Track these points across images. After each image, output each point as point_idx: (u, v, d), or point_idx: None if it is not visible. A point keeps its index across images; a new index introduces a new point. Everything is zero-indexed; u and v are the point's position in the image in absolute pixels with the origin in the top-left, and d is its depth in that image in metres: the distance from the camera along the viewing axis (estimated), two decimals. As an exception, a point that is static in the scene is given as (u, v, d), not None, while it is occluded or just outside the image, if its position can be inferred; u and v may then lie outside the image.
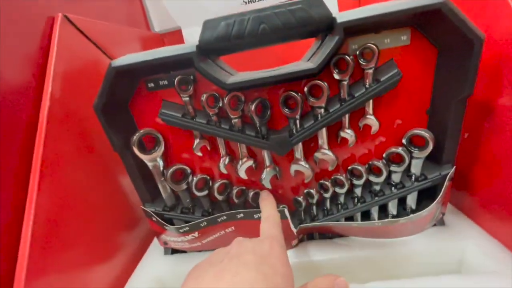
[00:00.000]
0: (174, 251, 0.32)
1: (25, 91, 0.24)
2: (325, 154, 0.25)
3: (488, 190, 0.26)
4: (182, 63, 0.22)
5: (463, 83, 0.21)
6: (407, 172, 0.26)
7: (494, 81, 0.23)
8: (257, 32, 0.20)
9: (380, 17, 0.19)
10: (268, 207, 0.25)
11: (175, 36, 0.51)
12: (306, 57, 0.25)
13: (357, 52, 0.22)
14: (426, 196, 0.27)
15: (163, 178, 0.27)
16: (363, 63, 0.21)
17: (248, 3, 0.48)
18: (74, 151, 0.26)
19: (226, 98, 0.23)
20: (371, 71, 0.21)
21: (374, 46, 0.21)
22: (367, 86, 0.22)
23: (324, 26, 0.20)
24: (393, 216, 0.28)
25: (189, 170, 0.27)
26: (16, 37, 0.24)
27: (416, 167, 0.25)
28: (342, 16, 0.19)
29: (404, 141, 0.25)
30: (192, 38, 0.51)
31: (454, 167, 0.25)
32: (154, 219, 0.28)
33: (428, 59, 0.22)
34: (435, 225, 0.28)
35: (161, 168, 0.27)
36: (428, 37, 0.22)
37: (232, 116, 0.24)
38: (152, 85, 0.25)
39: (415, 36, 0.22)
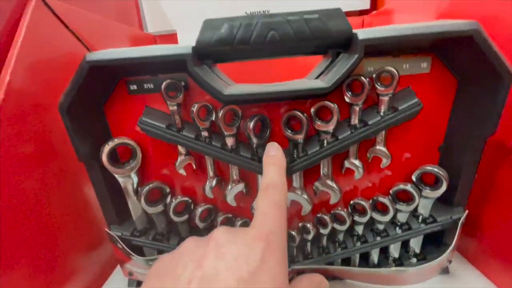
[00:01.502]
0: (141, 283, 0.28)
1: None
2: (328, 186, 0.22)
3: (496, 237, 0.24)
4: (173, 66, 0.18)
5: (486, 121, 0.19)
6: (413, 211, 0.23)
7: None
8: (264, 39, 0.17)
9: (406, 38, 0.17)
10: (272, 168, 0.18)
11: (170, 39, 0.48)
12: (312, 74, 0.23)
13: (374, 75, 0.19)
14: (431, 239, 0.24)
15: (135, 197, 0.23)
16: (380, 88, 0.19)
17: (249, 14, 0.47)
18: (31, 156, 0.22)
19: (221, 112, 0.20)
20: (387, 97, 0.19)
21: (394, 71, 0.18)
22: (381, 113, 0.20)
23: (341, 42, 0.18)
24: (395, 260, 0.25)
25: (168, 190, 0.23)
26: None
27: (424, 208, 0.23)
28: (363, 33, 0.17)
29: (414, 177, 0.22)
30: (186, 42, 0.48)
31: (467, 211, 0.22)
32: (119, 245, 0.24)
33: (447, 91, 0.21)
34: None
35: (135, 185, 0.23)
36: (449, 67, 0.20)
37: (225, 133, 0.20)
38: (135, 87, 0.21)
39: (435, 64, 0.20)
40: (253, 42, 0.17)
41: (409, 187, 0.22)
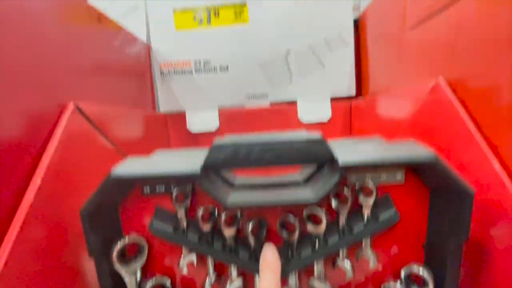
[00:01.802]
0: None
1: (8, 180, 0.22)
2: (322, 283, 0.23)
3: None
4: (184, 180, 0.22)
5: (457, 230, 0.21)
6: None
7: (484, 225, 0.24)
8: (262, 159, 0.21)
9: (378, 164, 0.20)
10: (268, 274, 0.20)
11: (179, 118, 0.53)
12: (302, 173, 0.26)
13: (356, 186, 0.22)
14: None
15: (138, 292, 0.24)
16: (362, 199, 0.22)
17: (251, 98, 0.53)
18: (45, 245, 0.24)
19: (224, 215, 0.22)
20: (369, 207, 0.22)
21: (372, 186, 0.22)
22: (365, 221, 0.22)
23: (325, 162, 0.21)
24: None
25: (169, 284, 0.25)
26: (17, 124, 0.24)
27: (415, 307, 0.24)
28: (343, 160, 0.20)
29: (402, 276, 0.24)
30: (194, 121, 0.53)
31: (455, 312, 0.23)
32: None
33: (422, 199, 0.23)
34: None
35: (138, 279, 0.24)
36: (421, 178, 0.23)
37: (226, 234, 0.22)
38: (148, 190, 0.24)
39: (409, 175, 0.23)
40: (252, 162, 0.21)
41: (398, 285, 0.23)
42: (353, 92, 0.52)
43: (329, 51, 0.51)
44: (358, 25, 0.52)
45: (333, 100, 0.53)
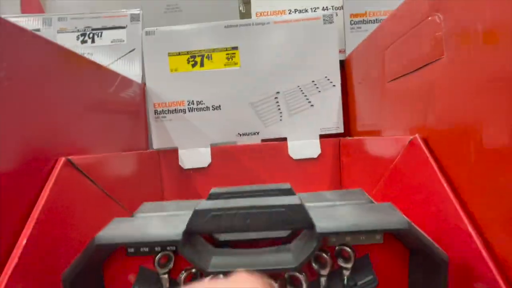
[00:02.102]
0: None
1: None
2: None
3: None
4: (166, 245, 0.22)
5: (436, 294, 0.22)
6: None
7: None
8: (242, 225, 0.22)
9: (354, 231, 0.21)
10: None
11: (171, 154, 0.54)
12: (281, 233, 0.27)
13: (336, 248, 0.23)
14: None
15: None
16: (341, 262, 0.22)
17: (242, 135, 0.54)
18: None
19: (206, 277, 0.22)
20: (348, 271, 0.22)
21: (350, 250, 0.22)
22: (344, 284, 0.22)
23: (304, 227, 0.22)
24: None
25: None
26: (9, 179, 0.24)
27: None
28: (320, 226, 0.21)
29: (385, 338, 0.24)
30: (186, 158, 0.54)
31: None
32: None
33: (402, 259, 0.24)
34: None
35: None
36: (399, 240, 0.24)
37: (208, 298, 0.23)
38: (132, 250, 0.24)
39: (388, 237, 0.24)
40: (233, 228, 0.22)
41: None
42: (341, 129, 0.54)
43: (317, 92, 0.53)
44: (344, 65, 0.55)
45: (322, 137, 0.54)
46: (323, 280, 0.23)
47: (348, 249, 0.22)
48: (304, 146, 0.54)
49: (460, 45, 0.23)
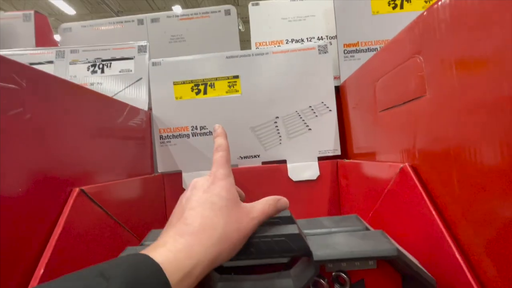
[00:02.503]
0: None
1: (14, 266, 0.24)
2: None
3: None
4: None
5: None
6: None
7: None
8: (245, 254, 0.23)
9: (348, 258, 0.23)
10: (219, 138, 0.30)
11: (175, 177, 0.57)
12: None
13: (333, 275, 0.25)
14: None
15: None
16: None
17: (243, 158, 0.57)
18: None
19: (210, 307, 0.24)
20: (344, 296, 0.24)
21: (346, 277, 0.24)
22: (342, 309, 0.24)
23: (302, 255, 0.24)
24: None
25: None
26: (25, 208, 0.26)
27: None
28: (317, 254, 0.23)
29: None
30: (189, 180, 0.56)
31: None
32: None
33: (395, 283, 0.26)
34: None
35: None
36: (392, 265, 0.25)
37: (214, 324, 0.24)
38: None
39: (381, 262, 0.25)
40: (237, 256, 0.23)
41: None
42: (338, 152, 0.56)
43: (314, 116, 0.56)
44: (339, 90, 0.58)
45: (321, 159, 0.56)
46: (322, 304, 0.24)
47: (344, 275, 0.24)
48: (303, 168, 0.56)
49: (441, 83, 0.26)
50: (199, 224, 0.21)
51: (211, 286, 0.24)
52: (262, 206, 0.25)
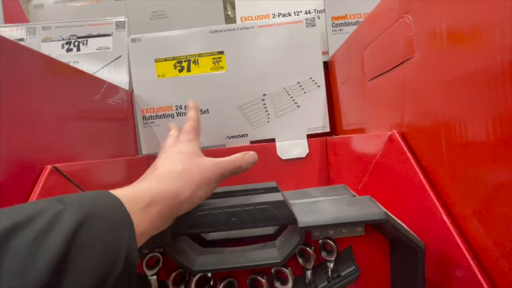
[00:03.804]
0: None
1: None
2: None
3: None
4: (154, 247, 0.23)
5: (413, 281, 0.23)
6: None
7: (440, 274, 0.26)
8: (227, 224, 0.22)
9: (334, 224, 0.22)
10: (191, 111, 0.33)
11: (161, 159, 0.55)
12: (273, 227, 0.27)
13: (319, 242, 0.24)
14: None
15: None
16: (325, 255, 0.23)
17: (231, 138, 0.55)
18: None
19: (194, 280, 0.23)
20: (331, 263, 0.23)
21: (333, 243, 0.23)
22: (329, 276, 0.23)
23: (287, 223, 0.23)
24: None
25: None
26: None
27: None
28: (302, 221, 0.22)
29: (370, 327, 0.25)
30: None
31: None
32: None
33: (383, 249, 0.25)
34: None
35: None
36: (380, 231, 0.25)
37: (197, 297, 0.23)
38: (121, 254, 0.25)
39: (368, 228, 0.25)
40: (218, 227, 0.22)
41: (367, 337, 0.24)
42: (327, 129, 0.55)
43: (302, 92, 0.54)
44: (328, 66, 0.56)
45: (310, 136, 0.55)
46: (308, 273, 0.23)
47: (330, 242, 0.23)
48: (292, 147, 0.55)
49: (429, 44, 0.25)
50: (157, 172, 0.23)
51: (193, 260, 0.23)
52: (228, 157, 0.26)
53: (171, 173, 0.22)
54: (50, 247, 0.12)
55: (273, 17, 0.58)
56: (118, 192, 0.18)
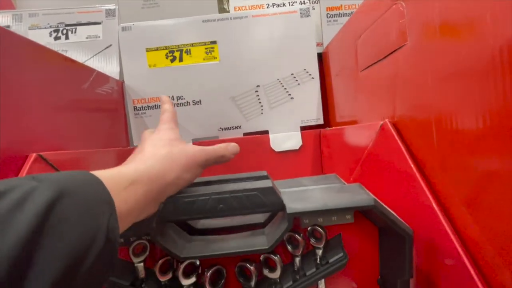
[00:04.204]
0: None
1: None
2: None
3: None
4: (141, 234, 0.22)
5: (401, 268, 0.23)
6: None
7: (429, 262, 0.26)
8: (215, 210, 0.22)
9: (322, 210, 0.22)
10: (163, 105, 0.32)
11: (153, 151, 0.54)
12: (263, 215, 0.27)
13: (308, 229, 0.24)
14: None
15: None
16: (313, 242, 0.23)
17: (224, 130, 0.54)
18: None
19: (181, 267, 0.23)
20: (320, 250, 0.23)
21: (321, 230, 0.23)
22: (318, 263, 0.23)
23: (275, 210, 0.22)
24: None
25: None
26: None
27: None
28: (291, 207, 0.22)
29: (358, 314, 0.25)
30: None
31: None
32: None
33: (372, 236, 0.25)
34: None
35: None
36: (369, 218, 0.25)
37: (184, 284, 0.23)
38: (107, 242, 0.24)
39: (358, 216, 0.25)
40: (206, 213, 0.22)
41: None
42: (321, 121, 0.55)
43: (296, 84, 0.54)
44: (322, 57, 0.56)
45: (303, 128, 0.55)
46: (297, 260, 0.23)
47: (319, 229, 0.23)
48: (285, 139, 0.55)
49: (422, 32, 0.24)
50: (141, 155, 0.22)
51: (181, 247, 0.22)
52: (212, 146, 0.26)
53: (155, 155, 0.22)
54: (21, 222, 0.11)
55: (267, 7, 0.57)
56: (99, 173, 0.17)
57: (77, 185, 0.15)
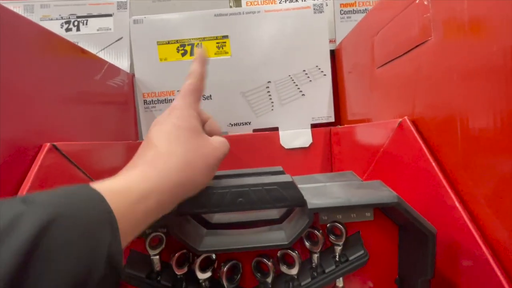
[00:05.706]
0: None
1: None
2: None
3: None
4: (158, 226, 0.22)
5: (422, 267, 0.22)
6: None
7: (451, 262, 0.25)
8: (234, 204, 0.21)
9: (344, 207, 0.21)
10: (194, 63, 0.26)
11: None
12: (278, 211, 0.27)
13: (327, 226, 0.23)
14: None
15: None
16: (333, 239, 0.23)
17: (234, 125, 0.54)
18: None
19: (198, 260, 0.22)
20: (340, 247, 0.23)
21: (342, 227, 0.22)
22: (336, 260, 0.23)
23: (295, 205, 0.22)
24: None
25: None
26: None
27: None
28: (312, 203, 0.21)
29: (375, 313, 0.24)
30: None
31: None
32: None
33: (391, 234, 0.24)
34: None
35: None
36: (389, 216, 0.24)
37: (200, 278, 0.22)
38: (123, 234, 0.24)
39: (377, 213, 0.24)
40: (225, 206, 0.21)
41: (372, 323, 0.24)
42: (332, 119, 0.54)
43: (308, 81, 0.53)
44: (335, 54, 0.55)
45: (314, 126, 0.55)
46: (315, 257, 0.23)
47: (339, 225, 0.22)
48: (295, 136, 0.54)
49: (449, 27, 0.24)
50: (153, 154, 0.19)
51: (198, 240, 0.22)
52: (222, 139, 0.23)
53: (167, 159, 0.19)
54: (4, 257, 0.10)
55: (279, 2, 0.57)
56: (104, 184, 0.15)
57: (74, 206, 0.13)
